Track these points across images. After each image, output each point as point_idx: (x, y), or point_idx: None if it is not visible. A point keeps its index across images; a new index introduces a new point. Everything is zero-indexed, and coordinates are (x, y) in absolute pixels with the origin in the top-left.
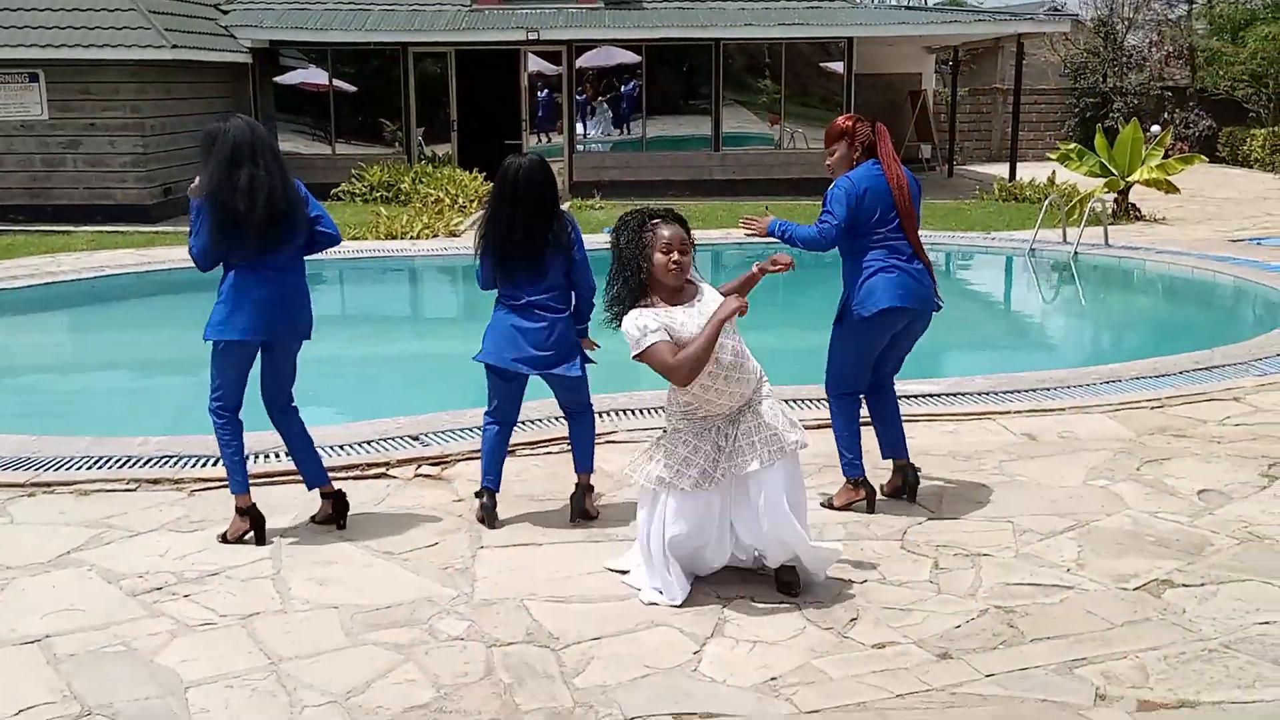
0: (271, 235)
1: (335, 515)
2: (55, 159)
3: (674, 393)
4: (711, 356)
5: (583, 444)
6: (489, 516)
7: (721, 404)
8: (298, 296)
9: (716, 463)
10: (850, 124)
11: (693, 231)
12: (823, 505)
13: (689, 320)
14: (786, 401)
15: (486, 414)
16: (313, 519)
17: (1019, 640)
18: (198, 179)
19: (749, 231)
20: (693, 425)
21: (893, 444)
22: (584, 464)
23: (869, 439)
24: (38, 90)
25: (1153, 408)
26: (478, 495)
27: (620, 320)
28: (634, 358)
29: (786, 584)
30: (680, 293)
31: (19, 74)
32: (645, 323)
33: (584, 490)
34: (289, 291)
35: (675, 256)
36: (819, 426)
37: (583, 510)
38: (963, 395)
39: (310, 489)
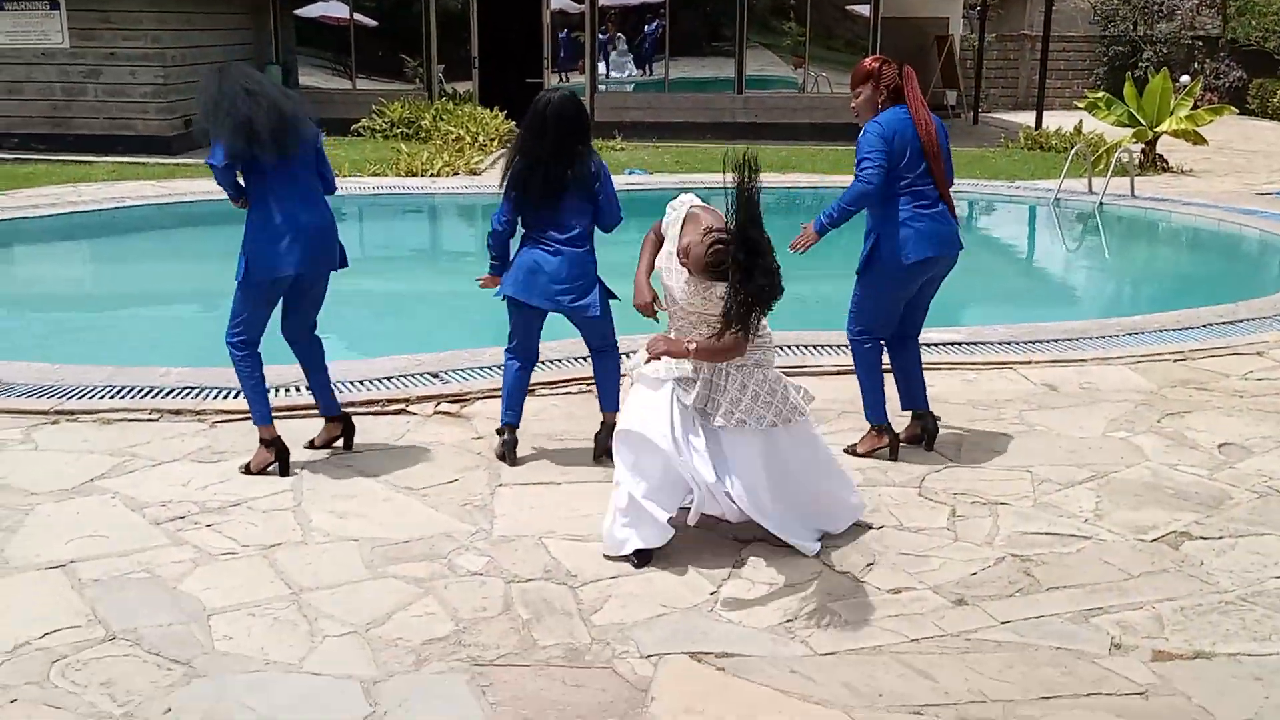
0: (283, 140)
1: (343, 434)
2: (76, 88)
3: None
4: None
5: (607, 383)
6: (509, 453)
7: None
8: (329, 226)
9: (695, 384)
10: (876, 66)
11: (711, 174)
12: (845, 452)
13: (676, 286)
14: (802, 347)
15: (507, 350)
16: (312, 443)
17: (1035, 588)
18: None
19: (804, 249)
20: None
21: (913, 396)
22: (609, 404)
23: (889, 389)
24: (58, 18)
25: (1175, 360)
26: (499, 432)
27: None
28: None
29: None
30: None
31: (40, 1)
32: (671, 211)
33: (609, 429)
34: (321, 221)
35: (718, 248)
36: (837, 373)
37: (606, 449)
38: (983, 344)
39: (324, 415)
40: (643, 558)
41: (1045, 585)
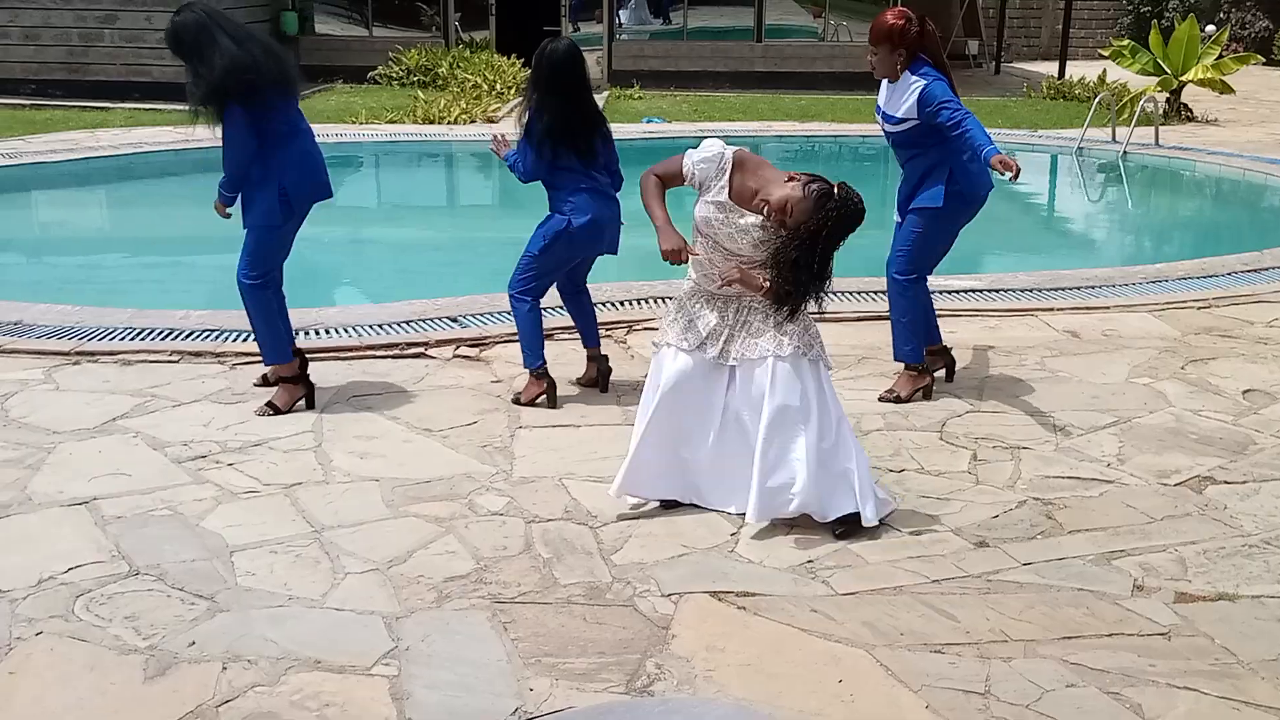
0: (291, 80)
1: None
2: (92, 34)
3: None
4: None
5: (590, 321)
6: (553, 395)
7: (702, 282)
8: (321, 156)
9: (720, 338)
10: (896, 25)
11: (730, 123)
12: (886, 399)
13: (703, 208)
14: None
15: (522, 293)
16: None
17: (1057, 531)
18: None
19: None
20: (697, 286)
21: (932, 332)
22: (593, 339)
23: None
24: None
25: (1199, 308)
26: (539, 376)
27: None
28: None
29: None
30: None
31: None
32: (699, 157)
33: (602, 360)
34: (317, 152)
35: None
36: (856, 319)
37: (607, 371)
38: (1005, 291)
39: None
40: (668, 501)
41: (1067, 528)
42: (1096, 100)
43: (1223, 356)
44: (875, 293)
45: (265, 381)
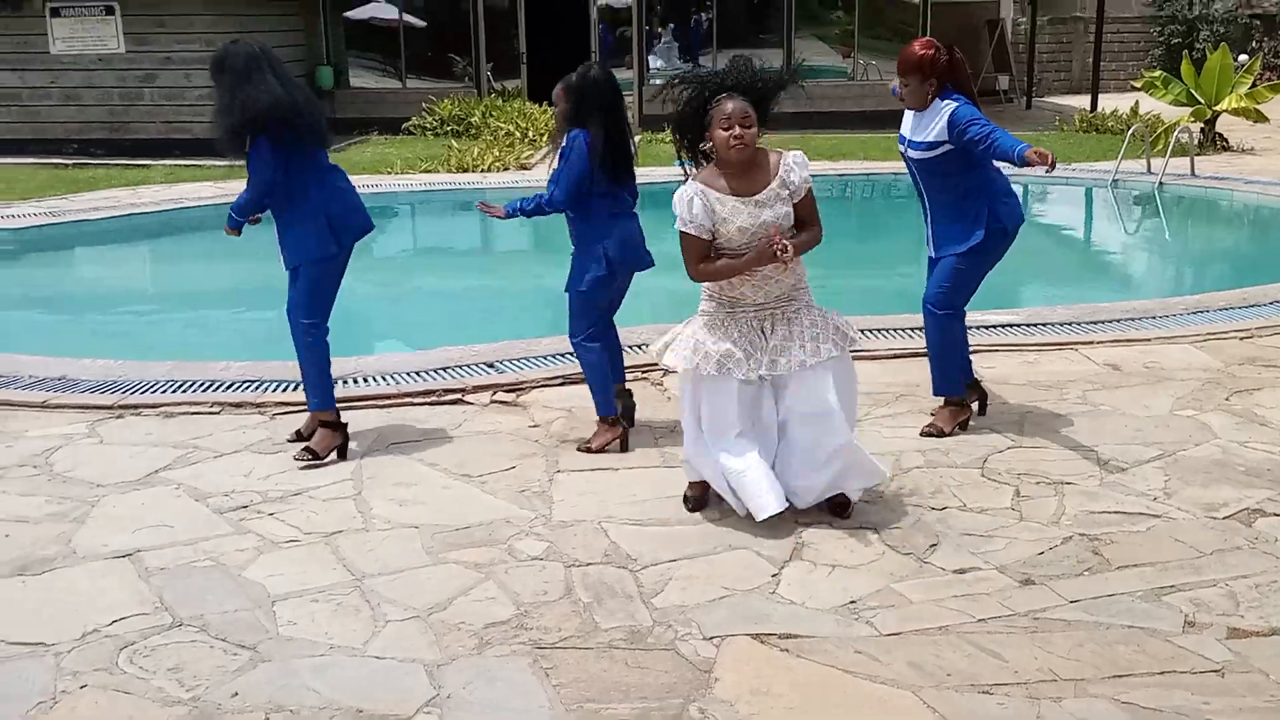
0: (324, 129)
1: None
2: (132, 93)
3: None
4: (740, 246)
5: (619, 355)
6: (625, 440)
7: (748, 293)
8: (357, 193)
9: (751, 354)
10: (927, 55)
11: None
12: (927, 434)
13: (737, 214)
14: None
15: (585, 339)
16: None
17: (1104, 567)
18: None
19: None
20: (722, 309)
21: (966, 365)
22: (621, 375)
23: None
24: (114, 24)
25: (1241, 338)
26: (614, 422)
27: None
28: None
29: (839, 504)
30: (745, 171)
31: (96, 7)
32: (694, 211)
33: (628, 394)
34: (353, 188)
35: (736, 132)
36: (891, 356)
37: (633, 407)
38: (1043, 325)
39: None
40: (697, 504)
41: (1115, 564)
42: (1130, 132)
43: (1268, 387)
44: (912, 329)
45: (298, 437)
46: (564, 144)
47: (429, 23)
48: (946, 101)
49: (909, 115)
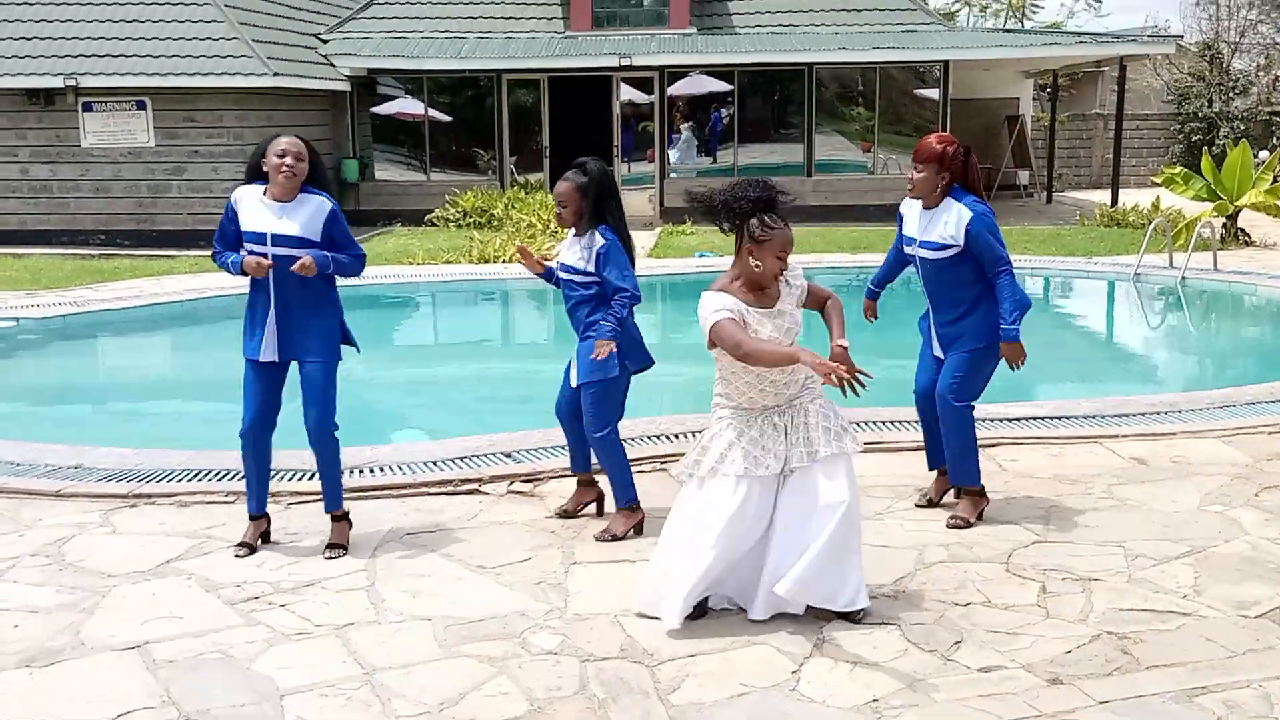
0: None
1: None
2: (160, 185)
3: (717, 380)
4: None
5: (586, 443)
6: (641, 524)
7: (758, 398)
8: None
9: (769, 450)
10: (945, 149)
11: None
12: (954, 526)
13: (762, 325)
14: (860, 424)
15: (611, 430)
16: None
17: (1134, 667)
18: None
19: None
20: (738, 414)
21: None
22: (590, 463)
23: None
24: (145, 118)
25: (1270, 433)
26: (636, 508)
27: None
28: (708, 336)
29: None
30: (765, 296)
31: (127, 102)
32: (728, 302)
33: (597, 483)
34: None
35: (788, 265)
36: (913, 449)
37: (603, 496)
38: (1068, 419)
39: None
40: (699, 608)
41: (1144, 664)
42: (1152, 226)
43: None
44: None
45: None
46: (596, 242)
47: (454, 117)
48: (959, 205)
49: (914, 213)
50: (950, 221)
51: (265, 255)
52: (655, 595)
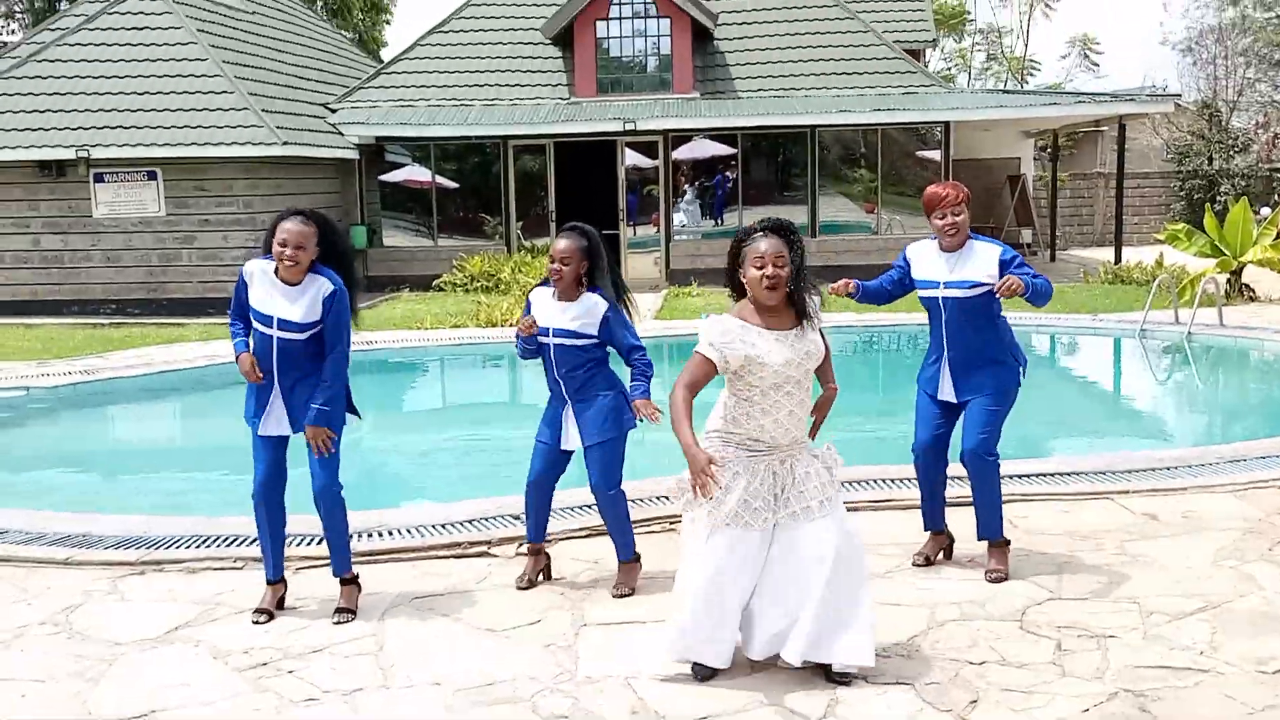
0: None
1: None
2: (171, 254)
3: (721, 402)
4: (770, 375)
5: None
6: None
7: (766, 425)
8: None
9: (769, 501)
10: (964, 190)
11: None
12: (992, 580)
13: (773, 352)
14: (857, 483)
15: (620, 486)
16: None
17: None
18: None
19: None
20: (739, 453)
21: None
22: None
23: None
24: (156, 188)
25: None
26: (638, 558)
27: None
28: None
29: (837, 674)
30: (781, 312)
31: (138, 172)
32: (726, 340)
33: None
34: None
35: (769, 271)
36: (905, 507)
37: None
38: (1078, 475)
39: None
40: (706, 673)
41: None
42: (1156, 282)
43: None
44: (954, 478)
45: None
46: (597, 304)
47: (461, 184)
48: (985, 242)
49: (928, 256)
50: (983, 258)
51: (270, 339)
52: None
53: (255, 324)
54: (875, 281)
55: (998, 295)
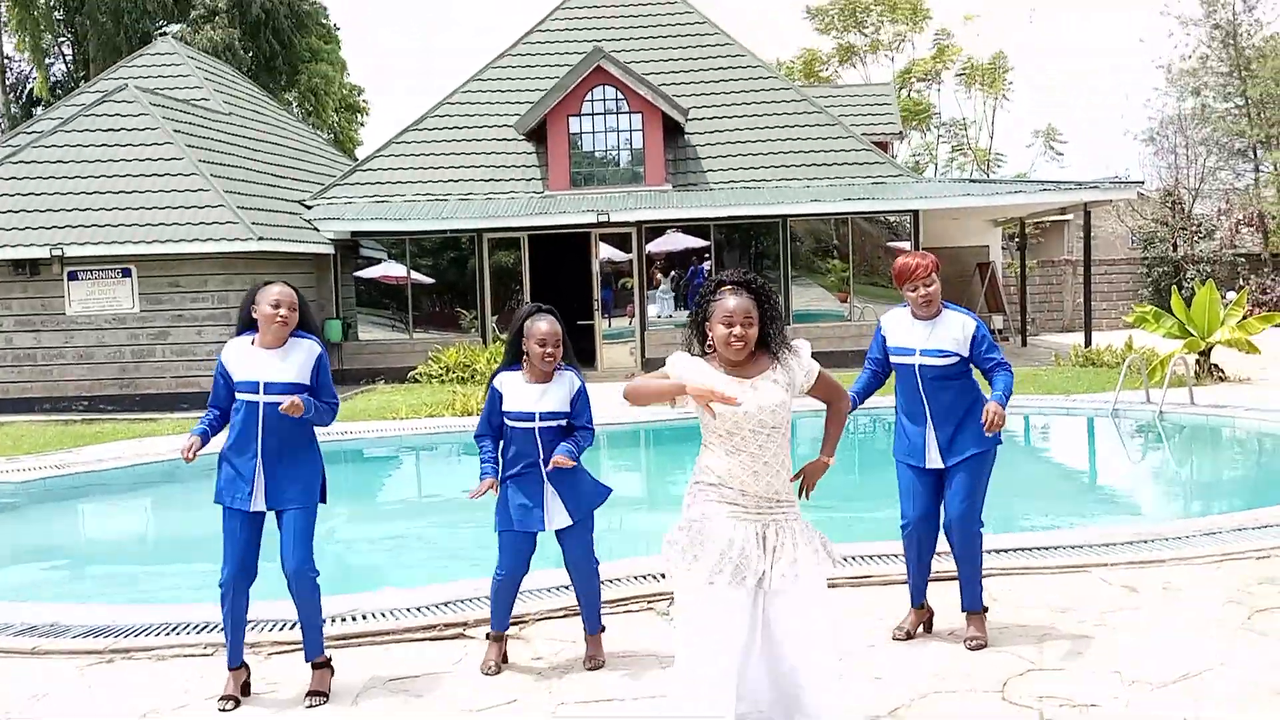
0: None
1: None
2: (144, 350)
3: (701, 454)
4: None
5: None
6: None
7: (742, 475)
8: None
9: (760, 555)
10: (932, 259)
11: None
12: (978, 648)
13: (750, 397)
14: (847, 559)
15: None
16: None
17: None
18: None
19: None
20: (721, 509)
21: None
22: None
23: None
24: (129, 285)
25: (1258, 558)
26: (602, 630)
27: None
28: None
29: None
30: (743, 365)
31: (113, 269)
32: (680, 364)
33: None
34: None
35: (737, 331)
36: (886, 583)
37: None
38: (1057, 549)
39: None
40: None
41: None
42: (1126, 363)
43: None
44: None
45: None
46: (573, 382)
47: (436, 279)
48: (958, 313)
49: (902, 326)
50: (955, 328)
51: (256, 407)
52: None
53: (240, 396)
54: (860, 383)
55: (986, 433)
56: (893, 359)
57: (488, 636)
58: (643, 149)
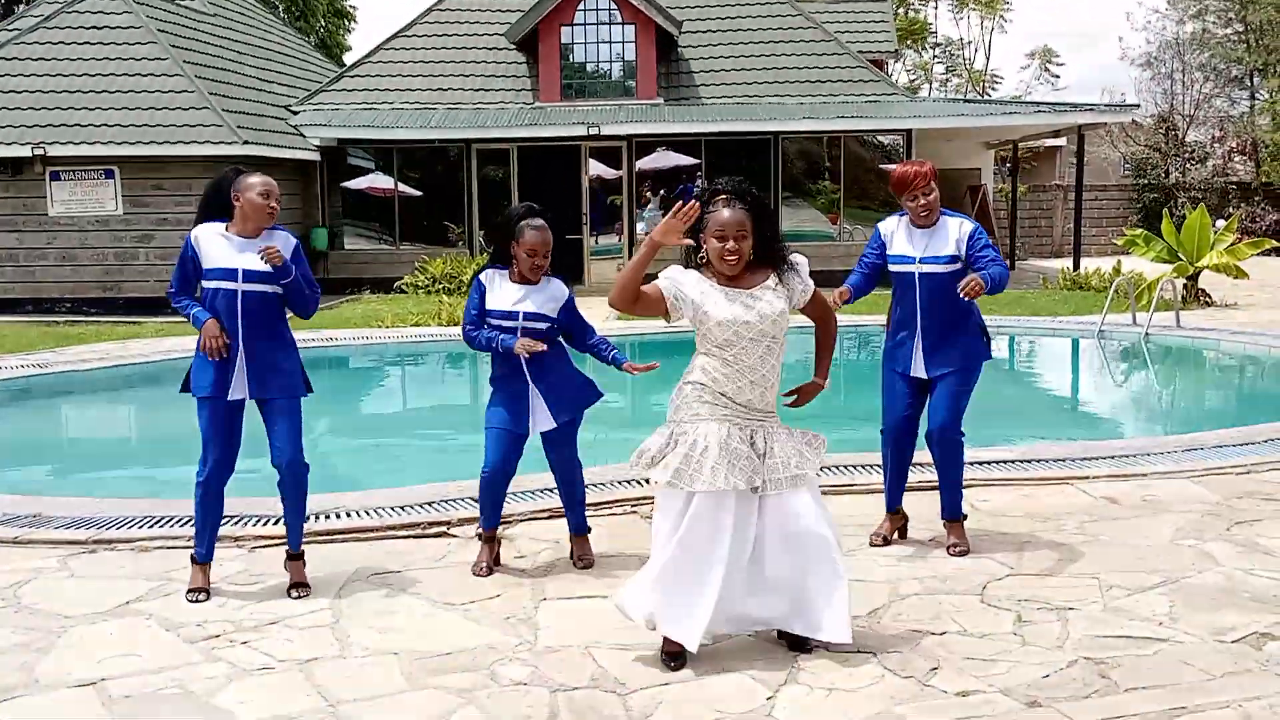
0: None
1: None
2: (128, 253)
3: (694, 359)
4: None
5: None
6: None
7: (734, 379)
8: None
9: (745, 467)
10: (931, 167)
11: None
12: (959, 554)
13: (720, 307)
14: (829, 468)
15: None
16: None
17: (1113, 690)
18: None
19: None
20: (713, 411)
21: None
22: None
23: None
24: (113, 186)
25: (1239, 473)
26: (585, 535)
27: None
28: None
29: (799, 640)
30: (740, 278)
31: (96, 170)
32: (674, 275)
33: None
34: None
35: (730, 245)
36: (868, 491)
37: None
38: (1038, 461)
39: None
40: (678, 661)
41: (1124, 686)
42: (1114, 286)
43: (1269, 519)
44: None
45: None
46: (560, 289)
47: (424, 191)
48: (956, 218)
49: (901, 234)
50: (953, 231)
51: (235, 295)
52: (658, 608)
53: (216, 283)
54: (855, 277)
55: (962, 296)
56: (891, 268)
57: (479, 537)
58: (635, 62)
